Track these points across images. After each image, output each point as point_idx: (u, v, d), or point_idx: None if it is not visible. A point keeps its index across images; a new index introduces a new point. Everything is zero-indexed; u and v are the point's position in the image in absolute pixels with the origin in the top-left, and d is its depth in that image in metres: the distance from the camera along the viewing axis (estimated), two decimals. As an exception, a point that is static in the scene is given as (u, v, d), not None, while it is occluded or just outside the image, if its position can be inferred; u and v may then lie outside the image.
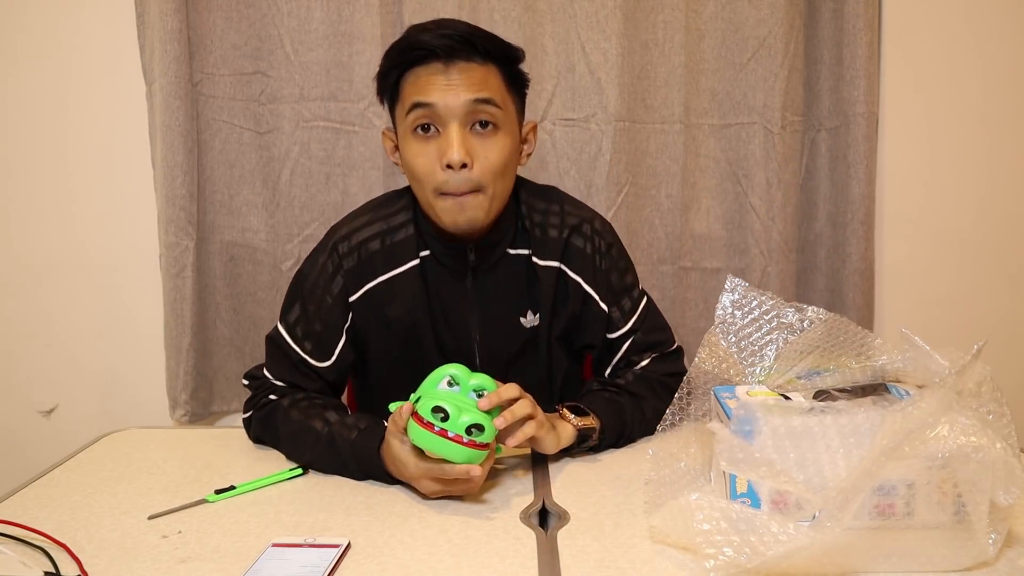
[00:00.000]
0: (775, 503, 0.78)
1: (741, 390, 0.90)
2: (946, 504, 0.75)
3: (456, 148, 1.05)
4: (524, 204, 1.20)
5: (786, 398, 0.86)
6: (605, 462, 1.09)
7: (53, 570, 0.80)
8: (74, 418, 1.89)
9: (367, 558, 0.82)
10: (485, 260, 1.17)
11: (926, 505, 0.75)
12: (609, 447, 1.12)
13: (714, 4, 1.78)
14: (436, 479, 0.95)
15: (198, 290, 1.75)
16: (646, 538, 0.85)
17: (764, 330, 0.94)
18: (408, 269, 1.16)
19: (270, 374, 1.18)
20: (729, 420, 0.83)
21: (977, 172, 1.89)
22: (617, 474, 1.04)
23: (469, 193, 1.08)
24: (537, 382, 1.05)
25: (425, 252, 1.17)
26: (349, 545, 0.84)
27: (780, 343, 0.93)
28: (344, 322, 1.18)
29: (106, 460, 1.12)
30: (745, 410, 0.80)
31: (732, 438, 0.79)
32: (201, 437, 1.23)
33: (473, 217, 1.09)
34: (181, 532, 0.89)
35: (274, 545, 0.84)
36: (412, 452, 0.96)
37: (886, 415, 0.75)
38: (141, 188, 1.79)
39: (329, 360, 1.18)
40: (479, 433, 0.91)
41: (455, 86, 1.06)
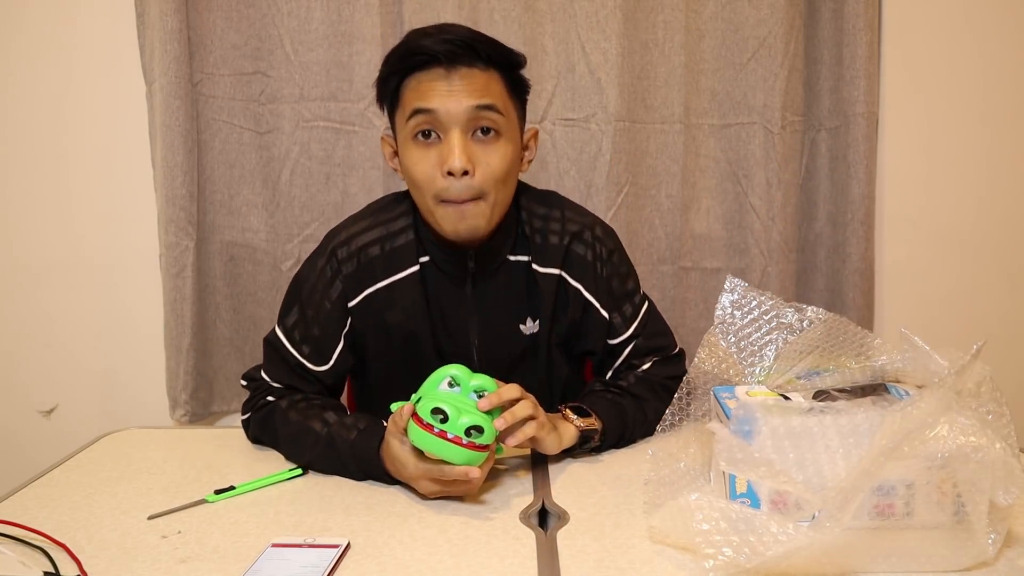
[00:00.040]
0: (774, 503, 0.78)
1: (741, 390, 0.90)
2: (945, 504, 0.75)
3: (458, 155, 1.03)
4: (524, 210, 1.19)
5: (786, 398, 0.86)
6: (605, 462, 1.09)
7: (53, 570, 0.80)
8: (74, 418, 1.89)
9: (367, 558, 0.82)
10: (485, 267, 1.16)
11: (925, 505, 0.75)
12: (610, 448, 1.12)
13: (714, 4, 1.78)
14: (435, 480, 0.94)
15: (198, 290, 1.75)
16: (645, 538, 0.85)
17: (764, 330, 0.94)
18: (408, 275, 1.15)
19: (267, 376, 1.18)
20: (728, 420, 0.83)
21: (977, 172, 1.89)
22: (617, 474, 1.04)
23: (470, 201, 1.06)
24: (537, 388, 1.04)
25: (425, 258, 1.16)
26: (349, 545, 0.84)
27: (780, 343, 0.93)
28: (342, 328, 1.17)
29: (106, 460, 1.12)
30: (744, 410, 0.80)
31: (731, 438, 0.79)
32: (201, 437, 1.23)
33: (474, 225, 1.08)
34: (181, 532, 0.89)
35: (273, 545, 0.84)
36: (411, 452, 0.96)
37: (885, 415, 0.75)
38: (141, 188, 1.79)
39: (327, 364, 1.17)
40: (478, 435, 0.91)
41: (457, 92, 1.04)
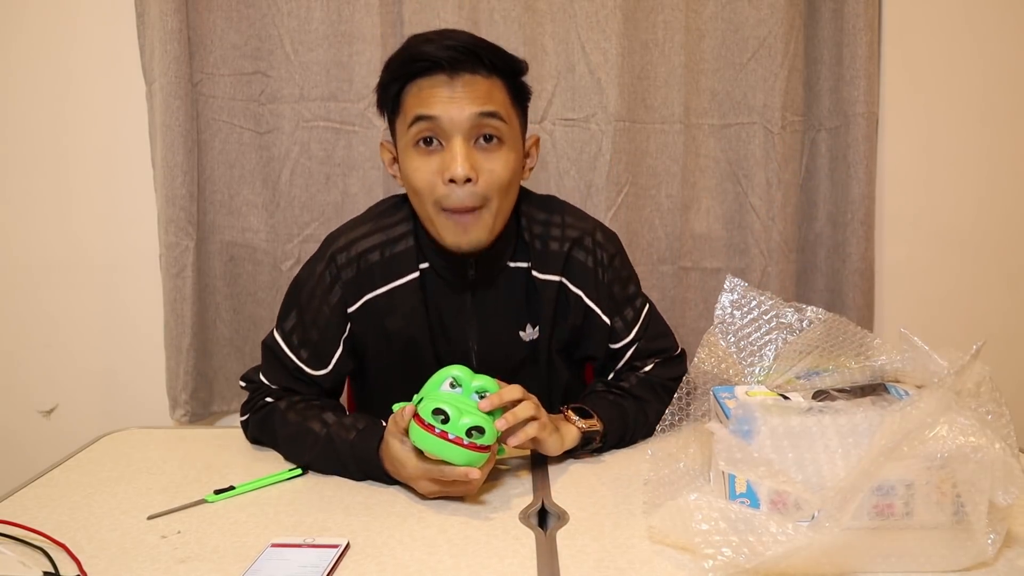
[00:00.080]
0: (774, 503, 0.78)
1: (740, 390, 0.90)
2: (945, 504, 0.75)
3: (460, 162, 1.02)
4: (524, 216, 1.17)
5: (785, 398, 0.86)
6: (604, 463, 1.09)
7: (52, 570, 0.80)
8: (74, 418, 1.89)
9: (366, 558, 0.82)
10: (485, 274, 1.15)
11: (925, 505, 0.75)
12: (611, 449, 1.12)
13: (714, 4, 1.78)
14: (434, 480, 0.94)
15: (198, 290, 1.75)
16: (645, 538, 0.85)
17: (763, 330, 0.94)
18: (407, 282, 1.14)
19: (266, 379, 1.17)
20: (728, 420, 0.83)
21: (977, 172, 1.89)
22: (616, 474, 1.04)
23: (472, 212, 1.05)
24: (537, 394, 1.03)
25: (424, 264, 1.15)
26: (348, 545, 0.84)
27: (779, 343, 0.93)
28: (342, 333, 1.16)
29: (106, 460, 1.12)
30: (744, 410, 0.80)
31: (731, 438, 0.79)
32: (201, 437, 1.23)
33: (477, 239, 1.07)
34: (180, 532, 0.89)
35: (273, 545, 0.84)
36: (411, 452, 0.96)
37: (885, 415, 0.75)
38: (141, 188, 1.79)
39: (325, 369, 1.16)
40: (479, 435, 0.91)
41: (459, 99, 1.03)
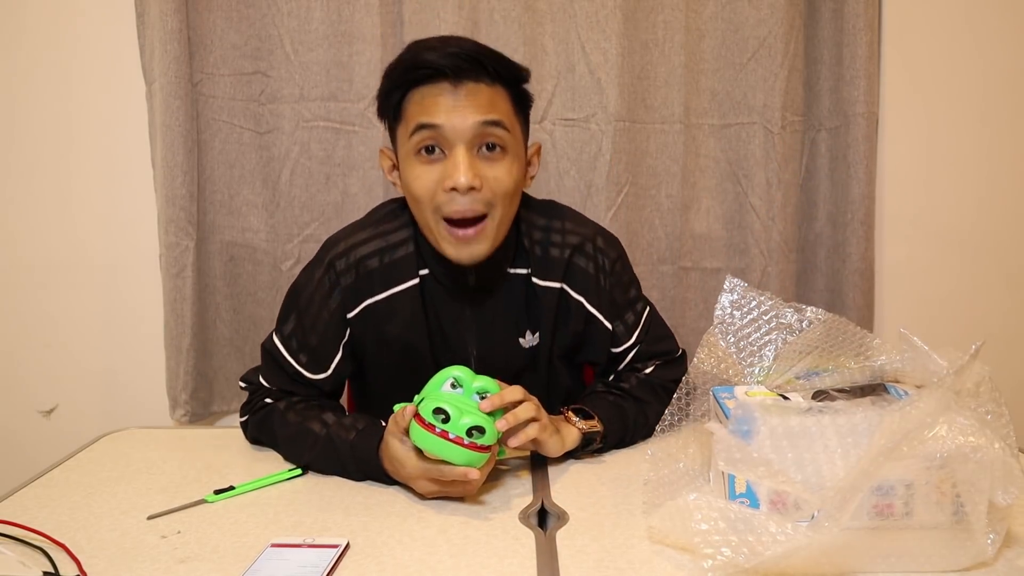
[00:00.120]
0: (773, 503, 0.78)
1: (740, 390, 0.90)
2: (945, 504, 0.75)
3: (463, 171, 1.01)
4: (523, 222, 1.16)
5: (785, 398, 0.86)
6: (604, 463, 1.09)
7: (52, 570, 0.80)
8: (74, 418, 1.89)
9: (366, 558, 0.82)
10: (485, 281, 1.14)
11: (924, 505, 0.75)
12: (612, 449, 1.12)
13: (714, 4, 1.78)
14: (434, 480, 0.94)
15: (198, 290, 1.75)
16: (644, 538, 0.85)
17: (763, 330, 0.94)
18: (407, 288, 1.13)
19: (265, 382, 1.17)
20: (727, 420, 0.83)
21: (977, 172, 1.89)
22: (616, 474, 1.04)
23: (474, 224, 1.05)
24: (538, 399, 1.04)
25: (424, 271, 1.14)
26: (348, 545, 0.84)
27: (779, 343, 0.93)
28: (341, 338, 1.15)
29: (106, 460, 1.12)
30: (743, 410, 0.80)
31: (730, 438, 0.79)
32: (201, 437, 1.23)
33: (479, 252, 1.07)
34: (180, 532, 0.89)
35: (273, 545, 0.84)
36: (411, 452, 0.96)
37: (884, 415, 0.75)
38: (141, 188, 1.79)
39: (325, 373, 1.15)
40: (480, 435, 0.91)
41: (463, 107, 1.02)
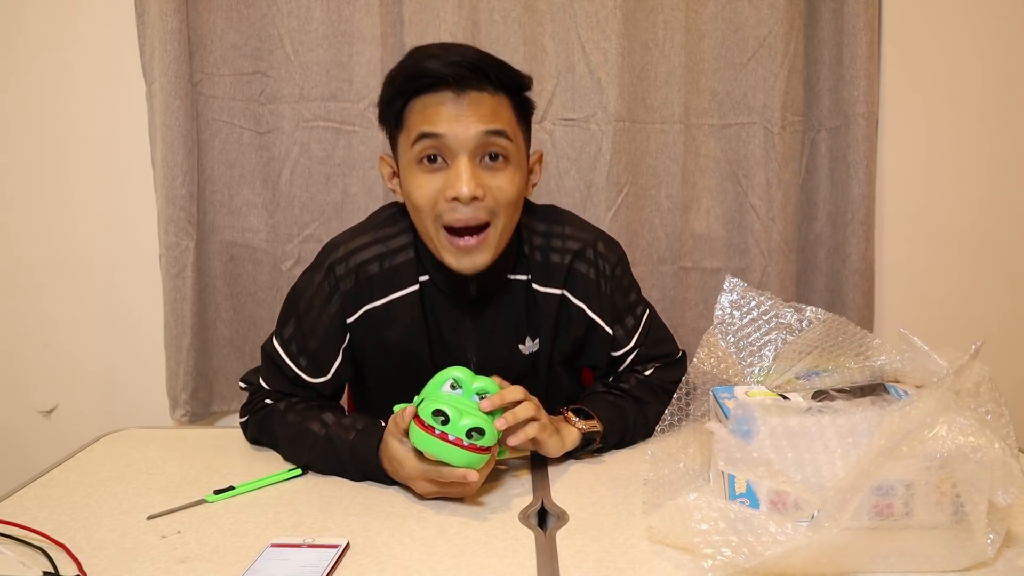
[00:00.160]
0: (773, 503, 0.78)
1: (740, 390, 0.90)
2: (944, 504, 0.75)
3: (466, 181, 1.00)
4: (524, 228, 1.15)
5: (784, 398, 0.86)
6: (604, 463, 1.09)
7: (52, 570, 0.80)
8: (74, 418, 1.89)
9: (366, 558, 0.82)
10: (486, 289, 1.13)
11: (924, 505, 0.75)
12: (611, 449, 1.12)
13: (714, 4, 1.78)
14: (433, 481, 0.94)
15: (198, 290, 1.75)
16: (644, 538, 0.85)
17: (763, 330, 0.94)
18: (407, 294, 1.13)
19: (265, 384, 1.17)
20: (727, 420, 0.83)
21: (977, 172, 1.89)
22: (616, 474, 1.04)
23: (475, 233, 1.04)
24: None
25: (424, 277, 1.14)
26: (348, 545, 0.84)
27: (779, 343, 0.93)
28: (341, 343, 1.15)
29: (106, 460, 1.12)
30: (743, 410, 0.80)
31: (730, 438, 0.79)
32: (200, 437, 1.23)
33: (481, 263, 1.06)
34: (180, 532, 0.89)
35: (273, 545, 0.84)
36: (410, 452, 0.95)
37: (884, 415, 0.75)
38: (141, 188, 1.79)
39: (324, 377, 1.15)
40: (480, 437, 0.91)
41: (466, 117, 1.01)
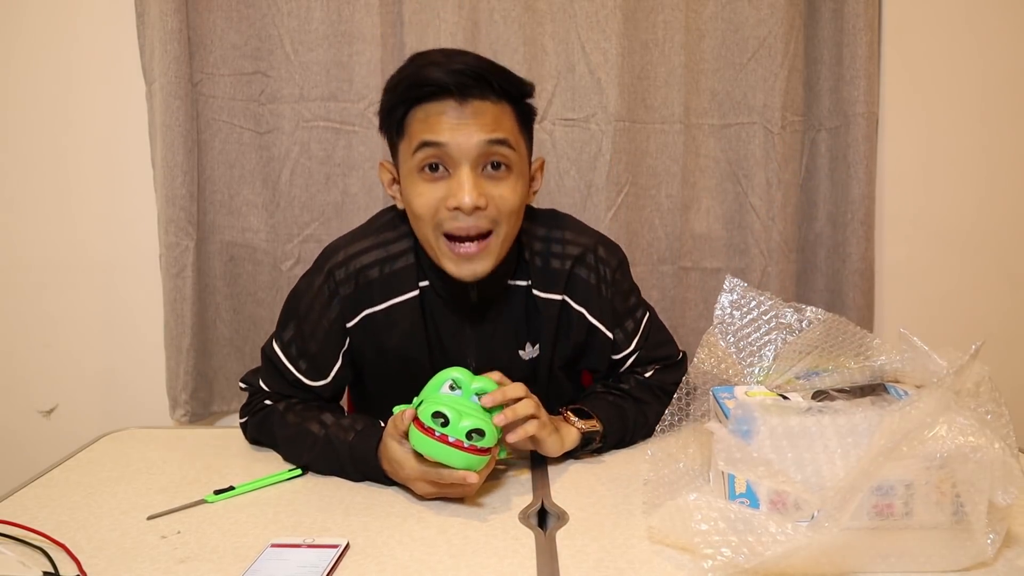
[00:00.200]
0: (773, 503, 0.78)
1: (740, 390, 0.90)
2: (944, 504, 0.75)
3: (468, 191, 1.00)
4: (524, 233, 1.14)
5: (784, 398, 0.86)
6: (604, 463, 1.09)
7: (52, 570, 0.80)
8: (74, 418, 1.89)
9: (366, 558, 0.82)
10: (486, 294, 1.13)
11: (924, 505, 0.75)
12: (611, 449, 1.12)
13: (714, 4, 1.78)
14: (432, 482, 0.94)
15: (198, 290, 1.75)
16: (644, 538, 0.85)
17: (763, 330, 0.94)
18: (407, 299, 1.12)
19: (265, 386, 1.17)
20: (727, 420, 0.83)
21: (977, 172, 1.89)
22: (616, 474, 1.04)
23: (477, 241, 1.04)
24: None
25: (424, 283, 1.13)
26: (348, 545, 0.85)
27: (779, 343, 0.93)
28: (341, 347, 1.15)
29: (105, 460, 1.12)
30: (743, 410, 0.80)
31: (730, 438, 0.79)
32: (200, 437, 1.23)
33: (480, 270, 1.06)
34: (180, 532, 0.89)
35: (273, 545, 0.84)
36: (409, 453, 0.95)
37: (884, 415, 0.75)
38: (141, 188, 1.79)
39: (324, 380, 1.15)
40: (480, 438, 0.91)
41: (468, 125, 1.00)
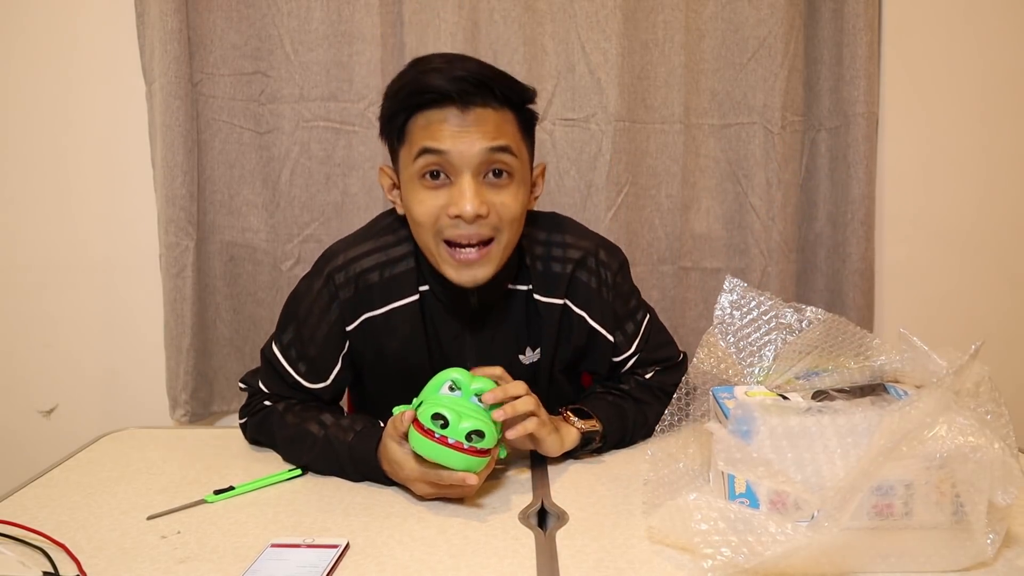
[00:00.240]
0: (773, 503, 0.78)
1: (739, 390, 0.90)
2: (944, 504, 0.75)
3: (470, 200, 0.99)
4: (525, 237, 1.13)
5: (784, 398, 0.86)
6: (604, 463, 1.09)
7: (52, 570, 0.80)
8: (74, 418, 1.89)
9: (366, 558, 0.82)
10: (487, 299, 1.13)
11: (924, 505, 0.75)
12: (611, 449, 1.12)
13: (714, 4, 1.78)
14: (432, 483, 0.94)
15: (198, 290, 1.75)
16: (644, 538, 0.85)
17: (763, 330, 0.94)
18: (407, 304, 1.12)
19: (265, 387, 1.17)
20: (727, 420, 0.83)
21: (977, 172, 1.89)
22: (616, 474, 1.04)
23: (478, 248, 1.03)
24: None
25: (424, 287, 1.13)
26: (348, 545, 0.85)
27: (779, 343, 0.93)
28: (340, 350, 1.14)
29: (105, 460, 1.12)
30: (743, 410, 0.80)
31: (730, 438, 0.79)
32: (200, 437, 1.23)
33: (480, 276, 1.05)
34: (180, 532, 0.89)
35: (273, 545, 0.84)
36: (409, 454, 0.95)
37: (884, 415, 0.75)
38: (141, 188, 1.79)
39: (324, 383, 1.15)
40: (479, 439, 0.91)
41: (470, 133, 0.99)
